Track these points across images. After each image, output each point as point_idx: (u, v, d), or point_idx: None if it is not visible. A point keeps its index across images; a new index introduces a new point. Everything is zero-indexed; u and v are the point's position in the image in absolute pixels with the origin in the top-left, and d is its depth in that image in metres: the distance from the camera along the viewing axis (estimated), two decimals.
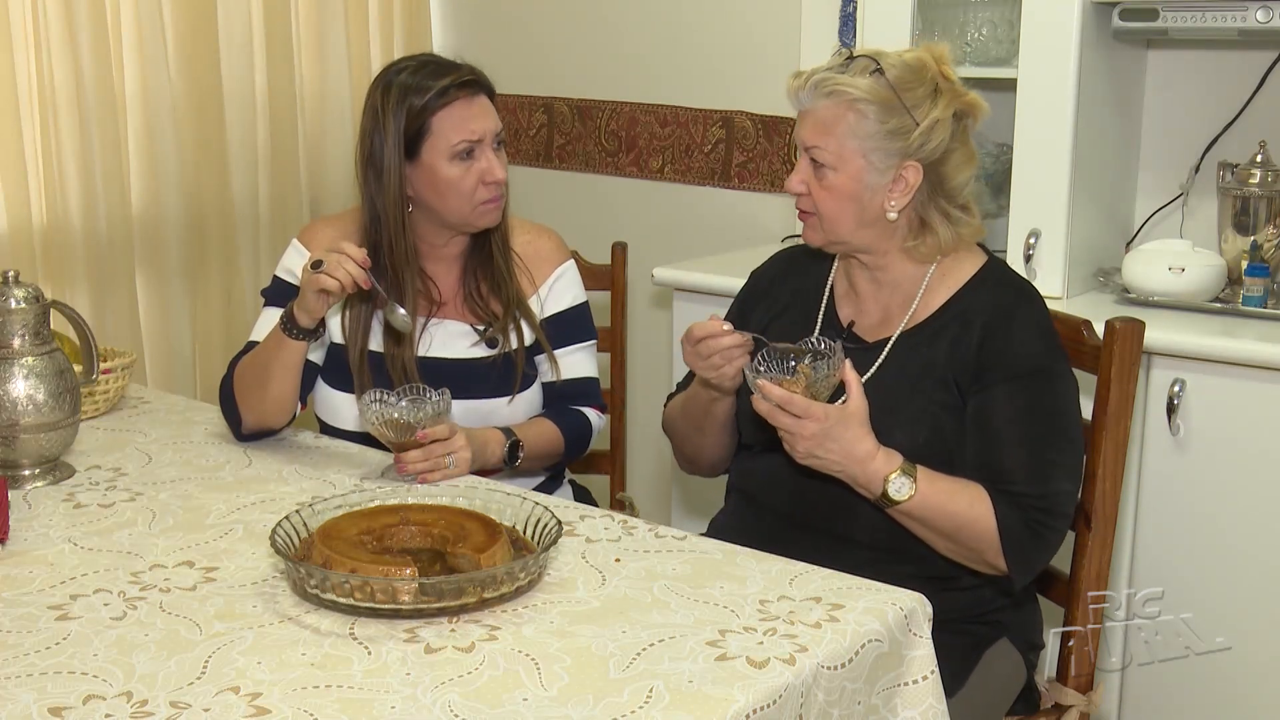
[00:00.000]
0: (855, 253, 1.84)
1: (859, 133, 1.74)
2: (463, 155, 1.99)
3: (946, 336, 1.79)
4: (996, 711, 1.80)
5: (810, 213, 1.81)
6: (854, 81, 1.73)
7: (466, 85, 2.00)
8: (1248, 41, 2.50)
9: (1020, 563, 1.72)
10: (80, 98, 2.94)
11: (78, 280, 3.00)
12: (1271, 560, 2.21)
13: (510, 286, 2.11)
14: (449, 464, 1.87)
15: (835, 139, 1.75)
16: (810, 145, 1.77)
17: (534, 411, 2.13)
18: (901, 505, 1.69)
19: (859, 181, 1.76)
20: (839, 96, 1.74)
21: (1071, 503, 1.75)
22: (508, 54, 3.64)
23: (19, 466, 1.86)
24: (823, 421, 1.65)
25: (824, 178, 1.77)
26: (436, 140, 1.99)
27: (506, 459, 1.99)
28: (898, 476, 1.69)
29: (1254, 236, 2.44)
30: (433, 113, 1.99)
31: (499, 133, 2.04)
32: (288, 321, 1.92)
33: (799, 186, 1.80)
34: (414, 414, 1.86)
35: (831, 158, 1.76)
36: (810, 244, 1.85)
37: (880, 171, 1.75)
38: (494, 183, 2.02)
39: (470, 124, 2.00)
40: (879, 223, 1.79)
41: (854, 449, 1.68)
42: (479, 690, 1.29)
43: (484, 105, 2.03)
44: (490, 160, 2.02)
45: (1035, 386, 1.74)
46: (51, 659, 1.35)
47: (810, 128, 1.77)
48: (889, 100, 1.73)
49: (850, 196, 1.77)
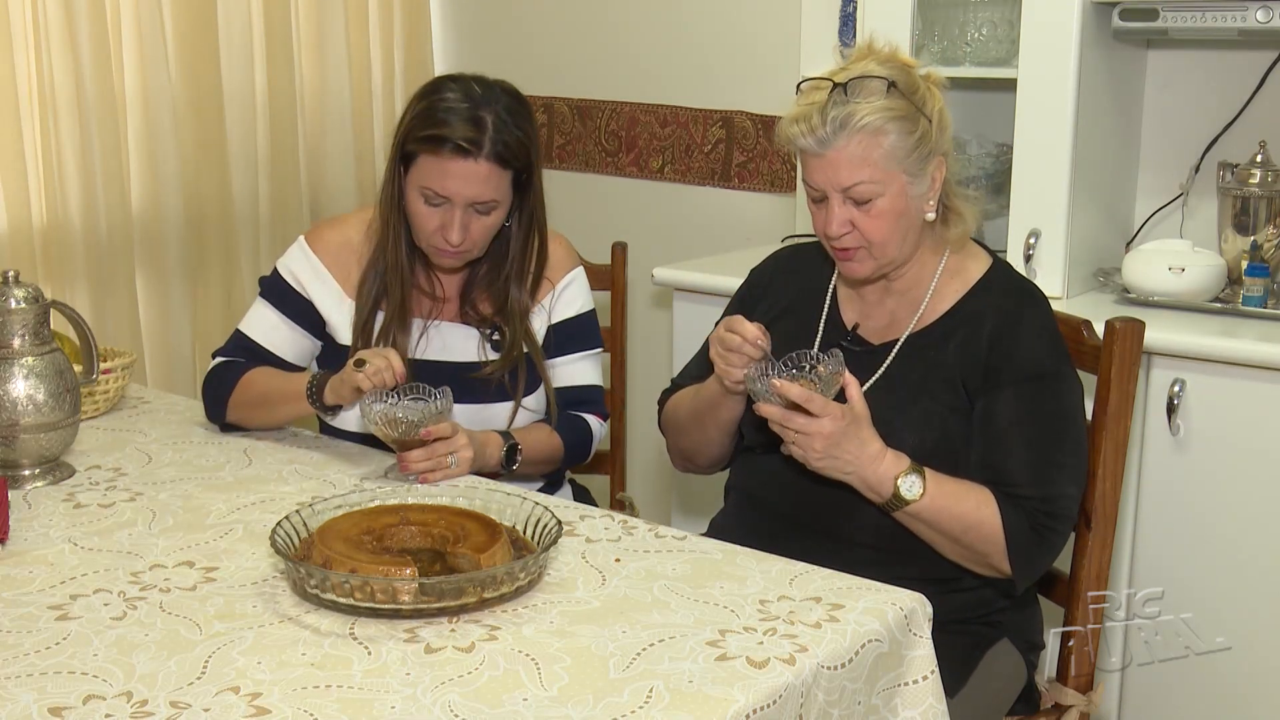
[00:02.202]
0: (892, 269, 1.81)
1: (895, 152, 1.70)
2: (431, 199, 1.96)
3: (955, 339, 1.79)
4: (997, 712, 1.80)
5: (855, 247, 1.76)
6: (872, 106, 1.69)
7: (462, 150, 1.91)
8: (1248, 41, 2.50)
9: (1024, 566, 1.72)
10: (80, 98, 2.94)
11: (78, 280, 3.01)
12: (1271, 560, 2.21)
13: (518, 294, 2.09)
14: (451, 463, 1.87)
15: (876, 168, 1.70)
16: (848, 185, 1.71)
17: (535, 418, 2.13)
18: (910, 507, 1.69)
19: (904, 197, 1.74)
20: (865, 128, 1.69)
21: (1075, 506, 1.75)
22: (508, 54, 3.64)
23: (19, 466, 1.86)
24: (840, 420, 1.65)
25: (870, 209, 1.73)
26: (416, 173, 1.97)
27: (504, 462, 1.99)
28: (908, 476, 1.69)
29: (1254, 236, 2.44)
30: (423, 149, 1.94)
31: (485, 202, 1.96)
32: (315, 391, 1.97)
33: (844, 227, 1.74)
34: (416, 413, 1.86)
35: (876, 187, 1.71)
36: (857, 276, 1.81)
37: (919, 180, 1.74)
38: (446, 240, 1.96)
39: (446, 181, 1.93)
40: (920, 227, 1.79)
41: (866, 449, 1.68)
42: (479, 690, 1.29)
43: (475, 172, 1.93)
44: (452, 220, 1.95)
45: (1041, 390, 1.74)
46: (51, 659, 1.35)
47: (843, 166, 1.71)
48: (907, 110, 1.71)
49: (899, 215, 1.74)
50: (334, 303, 2.09)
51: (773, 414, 1.67)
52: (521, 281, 2.09)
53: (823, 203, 1.76)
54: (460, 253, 2.00)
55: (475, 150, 1.92)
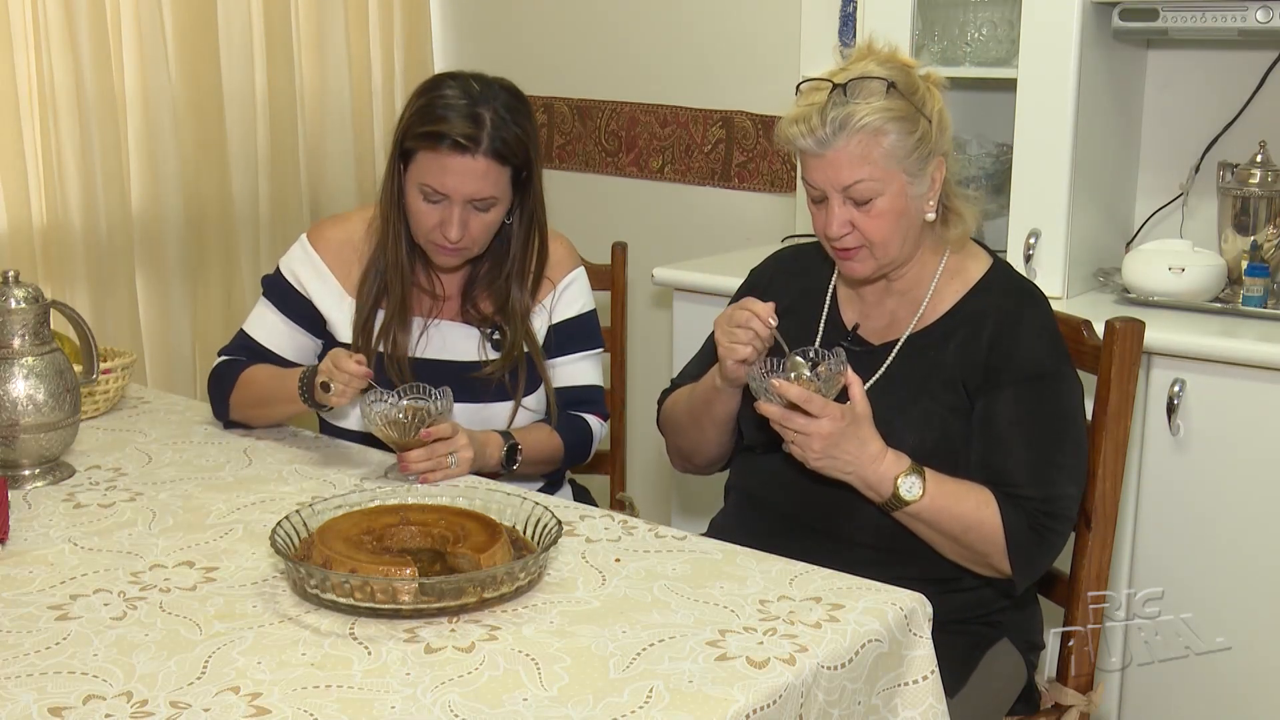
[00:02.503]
0: (898, 269, 1.81)
1: (895, 151, 1.71)
2: (430, 196, 1.96)
3: (955, 340, 1.79)
4: (997, 712, 1.80)
5: (856, 247, 1.76)
6: (873, 106, 1.69)
7: (460, 146, 1.92)
8: (1248, 41, 2.50)
9: (1024, 566, 1.72)
10: (80, 98, 2.94)
11: (78, 280, 3.01)
12: (1271, 560, 2.21)
13: (519, 294, 2.10)
14: (451, 463, 1.87)
15: (876, 167, 1.71)
16: (848, 184, 1.72)
17: (535, 418, 2.13)
18: (910, 507, 1.69)
19: (904, 197, 1.74)
20: (866, 127, 1.69)
21: (1075, 506, 1.75)
22: (508, 54, 3.64)
23: (19, 466, 1.86)
24: (839, 420, 1.65)
25: (871, 209, 1.73)
26: (415, 170, 1.97)
27: (504, 462, 1.99)
28: (908, 476, 1.69)
29: (1254, 236, 2.44)
30: (422, 146, 1.95)
31: (484, 199, 1.96)
32: (306, 389, 1.96)
33: (844, 228, 1.75)
34: (416, 413, 1.86)
35: (876, 185, 1.71)
36: (857, 276, 1.81)
37: (919, 179, 1.74)
38: (445, 237, 1.97)
39: (445, 178, 1.94)
40: (920, 228, 1.79)
41: (866, 448, 1.68)
42: (479, 690, 1.29)
43: (473, 168, 1.93)
44: (451, 217, 1.95)
45: (1041, 390, 1.74)
46: (51, 659, 1.35)
47: (844, 166, 1.71)
48: (908, 111, 1.71)
49: (899, 215, 1.74)
50: (334, 301, 2.09)
51: (772, 413, 1.67)
52: (522, 281, 2.09)
53: (823, 203, 1.76)
54: (459, 250, 2.00)
55: (473, 146, 1.92)
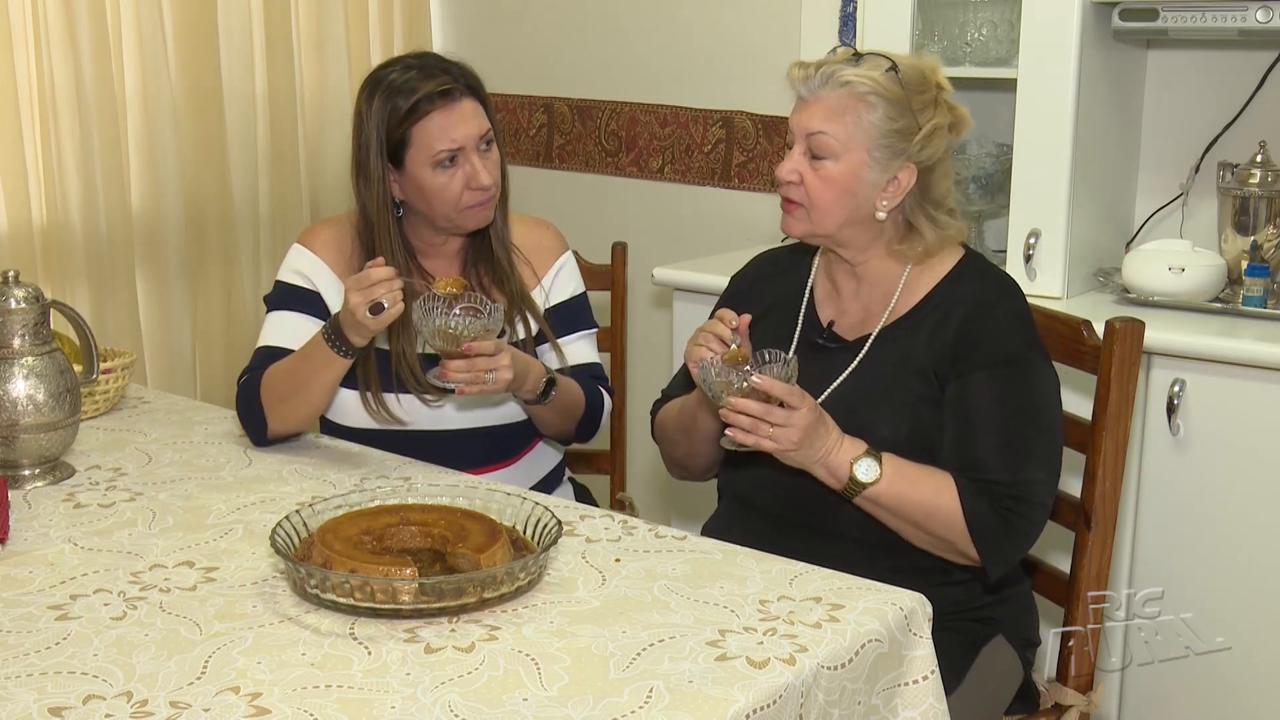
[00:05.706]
0: (836, 247, 1.84)
1: (866, 125, 1.73)
2: (445, 163, 1.98)
3: (925, 329, 1.79)
4: (995, 710, 1.80)
5: (798, 203, 1.79)
6: (868, 75, 1.73)
7: (445, 94, 1.97)
8: (1248, 41, 2.50)
9: (992, 552, 1.72)
10: (80, 98, 2.94)
11: (78, 280, 3.01)
12: (1271, 560, 2.21)
13: (513, 280, 2.12)
14: (489, 379, 1.88)
15: (843, 126, 1.74)
16: (815, 130, 1.75)
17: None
18: (868, 491, 1.70)
19: (857, 175, 1.75)
20: (852, 88, 1.73)
21: (1047, 492, 1.74)
22: (508, 54, 3.64)
23: (19, 466, 1.86)
24: (814, 410, 1.67)
25: (821, 167, 1.76)
26: (418, 151, 1.98)
27: (541, 393, 2.02)
28: (863, 459, 1.69)
29: (1254, 236, 2.44)
30: (412, 123, 1.97)
31: (485, 134, 2.01)
32: (337, 340, 1.90)
33: (792, 175, 1.78)
34: (468, 325, 1.85)
35: (836, 145, 1.74)
36: (790, 234, 1.84)
37: (879, 169, 1.75)
38: (479, 188, 2.00)
39: (450, 133, 1.97)
40: (866, 221, 1.79)
41: (830, 435, 1.70)
42: (479, 690, 1.29)
43: (466, 110, 1.99)
44: (475, 165, 1.99)
45: (1010, 375, 1.74)
46: (51, 659, 1.35)
47: (817, 113, 1.75)
48: (900, 99, 1.73)
49: (846, 190, 1.76)
50: (336, 292, 2.09)
51: (753, 409, 1.66)
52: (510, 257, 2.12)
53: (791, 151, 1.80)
54: (491, 197, 2.04)
55: (456, 89, 1.99)
